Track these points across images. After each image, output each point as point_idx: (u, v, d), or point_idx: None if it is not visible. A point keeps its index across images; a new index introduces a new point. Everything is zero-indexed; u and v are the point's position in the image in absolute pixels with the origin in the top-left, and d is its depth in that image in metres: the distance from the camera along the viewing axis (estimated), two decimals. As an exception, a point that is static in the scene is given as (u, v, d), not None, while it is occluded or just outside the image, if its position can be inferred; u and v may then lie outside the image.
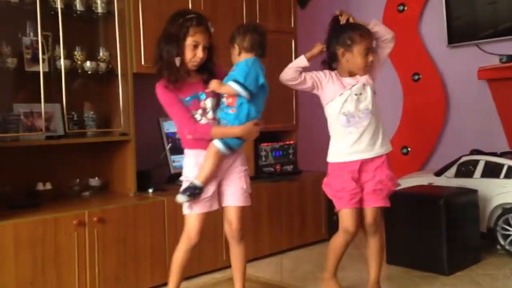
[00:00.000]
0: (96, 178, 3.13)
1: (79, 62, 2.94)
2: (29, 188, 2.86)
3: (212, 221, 2.64)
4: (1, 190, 2.76)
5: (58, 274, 2.54)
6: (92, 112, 3.01)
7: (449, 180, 3.60)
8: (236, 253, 2.45)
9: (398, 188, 3.76)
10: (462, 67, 4.26)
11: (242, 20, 3.54)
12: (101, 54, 3.01)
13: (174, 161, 3.28)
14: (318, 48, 2.50)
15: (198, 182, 2.25)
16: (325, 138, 2.61)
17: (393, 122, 4.65)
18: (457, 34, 4.26)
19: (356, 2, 4.84)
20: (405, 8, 4.54)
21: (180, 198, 2.25)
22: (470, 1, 4.19)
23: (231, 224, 2.39)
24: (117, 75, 3.00)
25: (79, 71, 2.95)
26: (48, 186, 2.89)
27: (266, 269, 3.27)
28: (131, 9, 2.98)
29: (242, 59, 2.30)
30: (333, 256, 2.60)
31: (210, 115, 2.31)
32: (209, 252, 3.09)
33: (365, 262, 2.67)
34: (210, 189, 2.30)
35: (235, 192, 2.37)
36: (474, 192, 3.28)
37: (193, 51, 2.23)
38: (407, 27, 4.52)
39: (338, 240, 2.55)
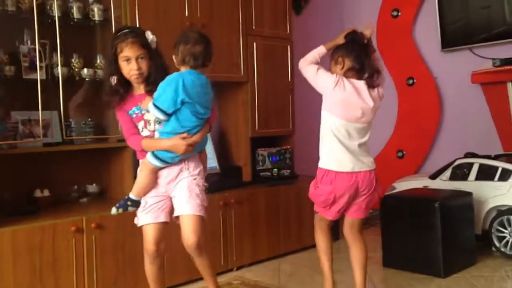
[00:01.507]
0: (94, 184, 3.12)
1: (76, 70, 2.93)
2: (27, 195, 2.85)
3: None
4: (0, 197, 2.75)
5: (56, 280, 2.52)
6: (89, 119, 3.00)
7: (444, 183, 3.60)
8: (199, 263, 2.35)
9: (394, 191, 3.78)
10: (456, 71, 4.28)
11: (238, 26, 3.55)
12: (98, 61, 3.00)
13: (171, 167, 3.26)
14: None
15: (132, 196, 2.29)
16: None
17: (389, 126, 4.65)
18: (451, 39, 4.28)
19: (350, 8, 4.86)
20: (399, 13, 4.55)
21: (112, 210, 2.30)
22: (463, 6, 4.20)
23: (185, 238, 2.24)
24: (114, 82, 2.99)
25: (77, 78, 2.94)
26: (46, 193, 2.87)
27: (264, 273, 3.26)
28: (128, 16, 2.98)
29: (180, 70, 2.23)
30: None
31: (151, 127, 2.27)
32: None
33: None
34: (149, 201, 2.29)
35: (181, 201, 2.27)
36: (469, 194, 3.28)
37: (127, 66, 2.22)
38: (401, 32, 4.53)
39: None
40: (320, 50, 2.48)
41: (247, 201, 3.39)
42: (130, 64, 2.21)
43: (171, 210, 2.32)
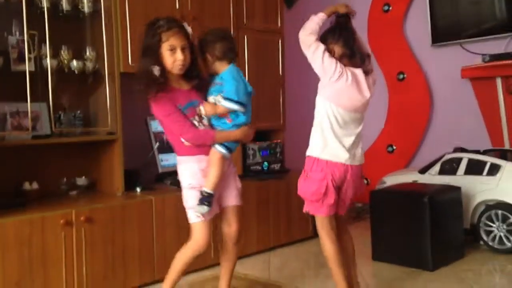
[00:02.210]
0: (83, 177, 3.10)
1: (65, 62, 2.90)
2: (16, 188, 2.82)
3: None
4: (-12, 190, 2.72)
5: (45, 274, 2.50)
6: (79, 111, 2.98)
7: (433, 178, 3.63)
8: (230, 254, 2.42)
9: (384, 185, 3.80)
10: (446, 66, 4.30)
11: (229, 20, 3.53)
12: (87, 53, 2.97)
13: (162, 160, 3.25)
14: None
15: (209, 190, 2.22)
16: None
17: (379, 121, 4.67)
18: (441, 34, 4.29)
19: (342, 2, 4.84)
20: (390, 8, 4.56)
21: (202, 209, 2.20)
22: (453, 1, 4.22)
23: (230, 225, 2.38)
24: (104, 75, 2.97)
25: (66, 70, 2.91)
26: (35, 185, 2.85)
27: (254, 266, 3.26)
28: (118, 8, 2.95)
29: (218, 68, 2.29)
30: None
31: (206, 121, 2.30)
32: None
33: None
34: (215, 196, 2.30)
35: (231, 193, 2.38)
36: (457, 189, 3.30)
37: (172, 56, 2.17)
38: (392, 27, 4.54)
39: None
40: (322, 16, 2.35)
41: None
42: (176, 53, 2.18)
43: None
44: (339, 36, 2.34)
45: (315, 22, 2.34)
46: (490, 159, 3.45)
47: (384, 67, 4.59)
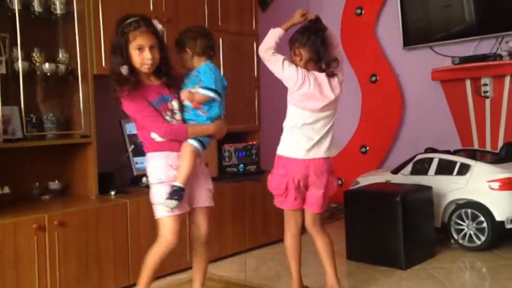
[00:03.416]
0: (56, 181, 3.04)
1: (37, 64, 2.85)
2: (-13, 192, 2.76)
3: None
4: (-43, 195, 2.66)
5: (17, 279, 2.45)
6: (51, 114, 2.93)
7: (405, 178, 3.68)
8: (201, 255, 2.42)
9: (358, 185, 3.84)
10: (417, 68, 4.37)
11: (204, 21, 3.51)
12: (60, 55, 2.93)
13: (137, 163, 3.22)
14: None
15: (180, 184, 2.21)
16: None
17: (352, 122, 4.71)
18: (412, 37, 4.36)
19: (315, 4, 4.88)
20: (363, 12, 4.61)
21: (171, 203, 2.18)
22: (424, 5, 4.29)
23: (199, 226, 2.37)
24: (77, 77, 2.92)
25: (38, 73, 2.86)
26: (7, 190, 2.78)
27: (229, 268, 3.26)
28: (91, 9, 2.91)
29: (195, 63, 2.33)
30: None
31: (178, 116, 2.29)
32: (173, 253, 3.04)
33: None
34: (186, 191, 2.27)
35: (202, 193, 2.36)
36: (429, 188, 3.35)
37: (140, 56, 2.16)
38: (364, 30, 4.60)
39: None
40: (278, 32, 2.38)
41: (213, 197, 3.35)
42: (144, 53, 2.16)
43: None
44: (307, 40, 2.40)
45: (272, 39, 2.39)
46: (460, 159, 3.51)
47: (357, 69, 4.64)
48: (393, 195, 3.12)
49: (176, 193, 2.19)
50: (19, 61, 2.72)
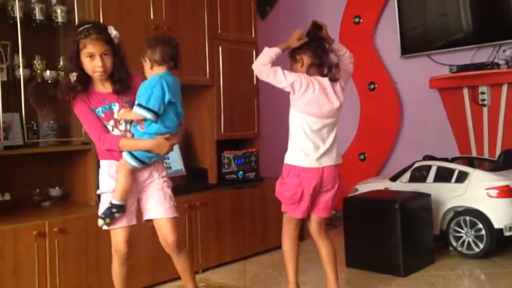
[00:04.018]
0: (57, 188, 3.05)
1: (38, 71, 2.86)
2: (-13, 199, 2.76)
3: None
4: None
5: (17, 285, 2.45)
6: (52, 121, 2.93)
7: (403, 185, 3.68)
8: (178, 265, 2.37)
9: (356, 193, 3.85)
10: (415, 76, 4.38)
11: (203, 30, 3.54)
12: (61, 63, 2.93)
13: (136, 170, 3.22)
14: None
15: (116, 201, 2.20)
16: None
17: (351, 130, 4.73)
18: (410, 45, 4.38)
19: (314, 13, 4.91)
20: (361, 20, 4.64)
21: (99, 222, 2.21)
22: (422, 13, 4.32)
23: (165, 238, 2.29)
24: (78, 84, 2.93)
25: (39, 80, 2.87)
26: (7, 196, 2.79)
27: (229, 275, 3.25)
28: (92, 18, 2.92)
29: (153, 73, 2.22)
30: None
31: (122, 126, 2.24)
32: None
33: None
34: (129, 205, 2.25)
35: (155, 204, 2.29)
36: (427, 196, 3.36)
37: (90, 63, 2.15)
38: (362, 38, 4.62)
39: None
40: (275, 51, 2.41)
41: (213, 204, 3.38)
42: (94, 60, 2.14)
43: (138, 211, 2.31)
44: (308, 46, 2.44)
45: (268, 56, 2.40)
46: (458, 167, 3.52)
47: (356, 77, 4.64)
48: (392, 203, 3.12)
49: (107, 211, 2.20)
50: (20, 69, 2.74)
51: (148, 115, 2.14)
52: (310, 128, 2.42)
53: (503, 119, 3.88)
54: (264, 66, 2.40)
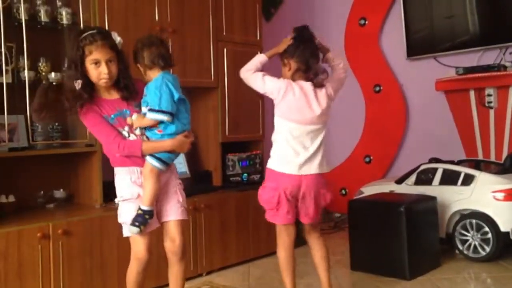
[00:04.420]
0: (61, 189, 3.05)
1: (43, 73, 2.87)
2: (-8, 201, 2.77)
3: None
4: (-38, 203, 2.67)
5: (21, 287, 2.45)
6: (57, 123, 2.94)
7: (409, 188, 3.66)
8: (175, 272, 2.31)
9: (362, 195, 3.83)
10: (421, 79, 4.36)
11: (208, 32, 3.54)
12: (66, 65, 2.93)
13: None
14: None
15: (146, 207, 2.17)
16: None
17: (356, 132, 4.71)
18: (416, 47, 4.36)
19: (319, 15, 4.91)
20: (366, 22, 4.62)
21: (134, 229, 2.15)
22: (428, 15, 4.30)
23: (173, 240, 2.27)
24: (83, 86, 2.93)
25: (44, 82, 2.87)
26: (12, 198, 2.80)
27: (233, 277, 3.25)
28: (97, 20, 2.93)
29: (150, 77, 2.21)
30: None
31: (138, 131, 2.22)
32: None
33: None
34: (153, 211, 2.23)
35: (172, 207, 2.29)
36: (433, 199, 3.34)
37: (96, 70, 2.11)
38: (368, 40, 4.61)
39: None
40: (261, 58, 2.47)
41: (217, 206, 3.38)
42: (100, 67, 2.11)
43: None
44: (295, 50, 2.42)
45: (253, 63, 2.47)
46: (464, 170, 3.50)
47: (361, 80, 4.64)
48: (397, 205, 3.11)
49: (140, 218, 2.16)
50: (25, 71, 2.74)
51: (165, 117, 2.13)
52: (291, 134, 2.41)
53: (510, 122, 3.86)
54: (247, 72, 2.47)
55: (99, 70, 2.12)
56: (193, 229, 3.22)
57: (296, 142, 2.41)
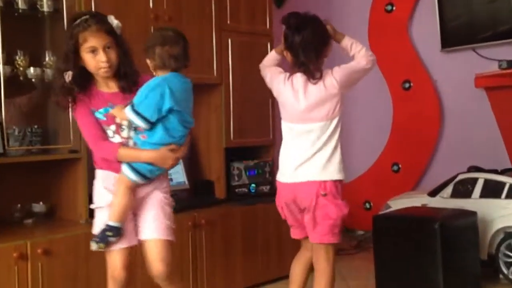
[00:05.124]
0: (41, 203, 3.08)
1: (21, 69, 2.90)
2: (-39, 215, 2.80)
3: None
4: None
5: (-5, 315, 2.48)
6: (36, 126, 2.97)
7: (444, 201, 3.66)
8: None
9: (389, 210, 3.83)
10: (457, 74, 4.36)
11: (211, 21, 3.57)
12: (47, 59, 2.97)
13: (132, 182, 3.24)
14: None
15: (113, 223, 2.19)
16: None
17: (382, 136, 4.72)
18: (452, 37, 4.37)
19: (339, 1, 4.92)
20: (394, 8, 4.64)
21: (93, 246, 2.19)
22: (466, 0, 4.30)
23: (152, 264, 2.26)
24: (66, 83, 2.97)
25: (21, 78, 2.91)
26: (-16, 212, 2.83)
27: (239, 305, 3.26)
28: (82, 6, 2.96)
29: (159, 74, 2.25)
30: None
31: (125, 133, 2.25)
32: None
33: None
34: (126, 223, 2.25)
35: (150, 224, 2.28)
36: (472, 214, 3.34)
37: (94, 59, 2.15)
38: (396, 29, 4.61)
39: None
40: (272, 54, 2.68)
41: (220, 222, 3.39)
42: (98, 55, 2.15)
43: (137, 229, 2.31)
44: (285, 41, 2.52)
45: (267, 58, 2.71)
46: (509, 180, 3.49)
47: (388, 75, 4.65)
48: (431, 222, 3.11)
49: (101, 234, 2.19)
50: (0, 65, 2.77)
51: (140, 122, 2.14)
52: (288, 135, 2.53)
53: None
54: (261, 68, 2.69)
55: (96, 59, 2.16)
56: (193, 249, 3.24)
57: (292, 144, 2.51)
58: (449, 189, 3.71)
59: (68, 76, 2.16)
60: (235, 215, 3.47)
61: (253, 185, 3.77)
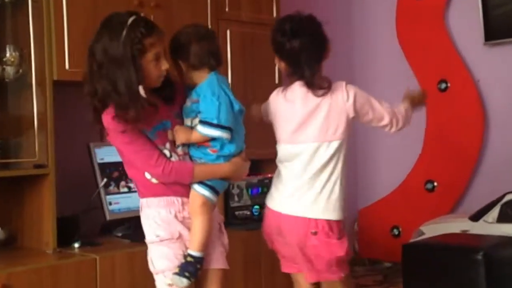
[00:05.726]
0: None
1: (-24, 66, 2.92)
2: None
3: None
4: None
5: None
6: (-6, 136, 2.98)
7: (489, 226, 3.65)
8: None
9: (422, 237, 3.81)
10: (504, 72, 4.36)
11: (206, 8, 3.57)
12: (8, 55, 2.98)
13: (110, 203, 3.24)
14: None
15: (195, 253, 2.24)
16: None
17: (414, 148, 4.70)
18: (497, 28, 4.37)
19: None
20: (427, -8, 4.64)
21: (180, 281, 2.20)
22: (514, -17, 4.31)
23: None
24: (31, 83, 2.97)
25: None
26: None
27: None
28: (53, -9, 2.98)
29: (195, 78, 2.32)
30: None
31: (180, 150, 2.31)
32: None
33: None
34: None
35: (215, 250, 2.39)
36: (523, 242, 3.33)
37: (156, 67, 2.21)
38: (430, 18, 4.62)
39: None
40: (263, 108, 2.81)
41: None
42: (161, 62, 2.21)
43: None
44: (276, 47, 2.55)
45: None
46: None
47: (420, 73, 4.64)
48: (473, 251, 3.12)
49: (189, 267, 2.22)
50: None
51: (224, 134, 2.24)
52: (281, 158, 2.61)
53: None
54: (264, 112, 2.82)
55: (159, 66, 2.21)
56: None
57: (282, 168, 2.59)
58: (495, 212, 3.70)
59: (142, 90, 2.15)
60: (235, 241, 3.39)
61: (256, 206, 3.77)
